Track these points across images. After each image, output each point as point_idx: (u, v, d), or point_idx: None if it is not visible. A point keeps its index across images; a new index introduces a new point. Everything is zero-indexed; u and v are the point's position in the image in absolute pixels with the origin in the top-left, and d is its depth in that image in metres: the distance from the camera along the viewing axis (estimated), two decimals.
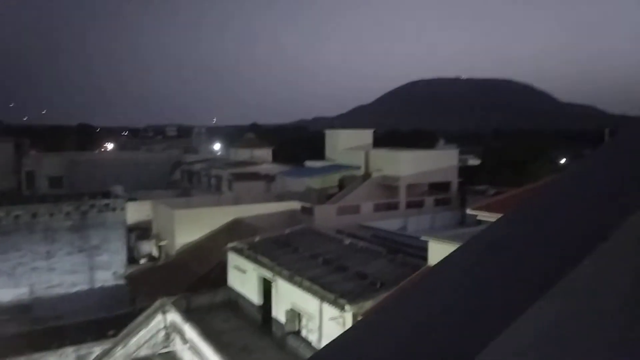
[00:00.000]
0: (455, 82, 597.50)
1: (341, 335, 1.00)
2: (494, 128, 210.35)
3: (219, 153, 69.82)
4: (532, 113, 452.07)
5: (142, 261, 30.21)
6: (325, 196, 35.98)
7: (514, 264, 1.09)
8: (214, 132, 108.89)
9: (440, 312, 0.99)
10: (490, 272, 1.09)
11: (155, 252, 31.23)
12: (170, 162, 59.77)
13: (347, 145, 38.30)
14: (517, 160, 45.70)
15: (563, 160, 52.83)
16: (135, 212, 32.92)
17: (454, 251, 1.20)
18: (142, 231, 32.47)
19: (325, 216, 29.94)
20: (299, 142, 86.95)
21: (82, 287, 28.74)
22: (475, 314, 0.95)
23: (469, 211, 21.96)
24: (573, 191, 1.30)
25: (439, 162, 35.75)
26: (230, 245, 22.55)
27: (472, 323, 0.93)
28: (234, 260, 22.03)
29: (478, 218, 14.66)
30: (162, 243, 30.10)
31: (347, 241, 21.38)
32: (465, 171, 44.98)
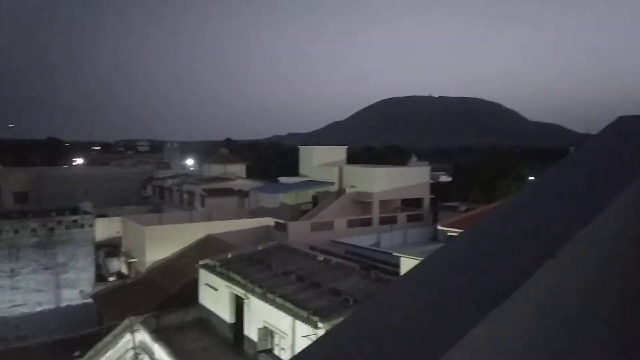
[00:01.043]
0: (427, 100, 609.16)
1: (305, 349, 1.03)
2: (464, 145, 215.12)
3: (191, 168, 69.10)
4: (501, 131, 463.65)
5: (111, 279, 29.51)
6: (299, 212, 35.91)
7: (469, 279, 1.14)
8: (187, 148, 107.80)
9: (397, 324, 1.03)
10: (446, 286, 1.14)
11: (124, 270, 30.60)
12: (142, 177, 58.80)
13: (321, 162, 38.43)
14: (487, 178, 46.65)
15: (531, 178, 54.21)
16: (105, 228, 32.36)
17: (415, 267, 1.26)
18: (111, 248, 31.83)
19: (299, 232, 29.87)
20: (273, 158, 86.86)
21: (48, 306, 27.80)
22: (431, 325, 1.00)
23: (439, 227, 22.32)
24: (527, 209, 1.37)
25: (411, 178, 36.18)
26: (202, 262, 22.19)
27: (428, 334, 0.97)
28: (205, 277, 21.69)
29: (449, 234, 14.85)
30: (132, 260, 29.54)
31: (321, 257, 21.32)
32: (437, 188, 45.68)
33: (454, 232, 15.69)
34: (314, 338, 14.75)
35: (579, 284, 1.17)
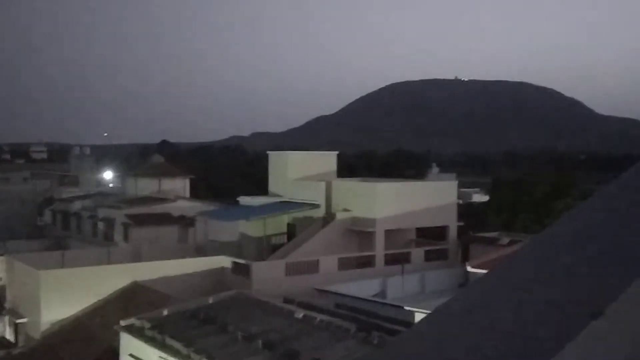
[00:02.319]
0: (452, 85, 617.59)
1: None
2: (506, 150, 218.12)
3: (111, 185, 68.76)
4: (558, 129, 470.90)
5: None
6: (268, 248, 35.89)
7: (485, 342, 1.24)
8: (104, 154, 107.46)
9: None
10: (456, 350, 1.25)
11: (9, 335, 30.17)
12: (37, 197, 58.31)
13: (300, 174, 38.50)
14: (539, 197, 47.27)
15: None
16: None
17: (420, 321, 1.44)
18: None
19: (269, 277, 29.81)
20: (230, 169, 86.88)
21: None
22: None
23: (471, 269, 22.44)
24: (566, 247, 1.46)
25: (431, 198, 36.42)
26: (124, 323, 21.99)
27: None
28: (129, 345, 21.45)
29: (479, 277, 14.92)
30: (21, 321, 29.15)
31: (300, 314, 21.26)
32: (468, 211, 46.06)
33: None
34: None
35: (626, 346, 1.25)
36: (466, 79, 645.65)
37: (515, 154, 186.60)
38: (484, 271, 17.87)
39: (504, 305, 1.34)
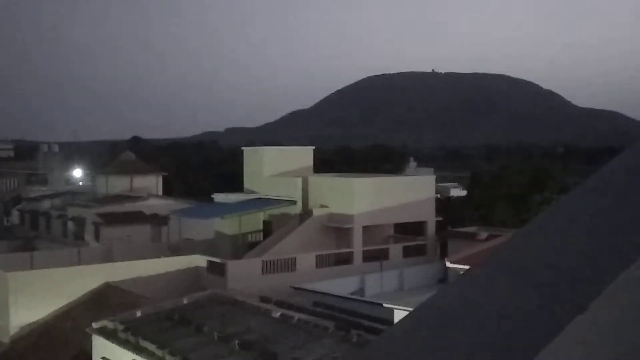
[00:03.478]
0: (429, 78, 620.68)
1: None
2: (484, 144, 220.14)
3: (80, 183, 68.12)
4: (536, 122, 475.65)
5: None
6: (243, 246, 35.85)
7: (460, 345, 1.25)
8: (74, 152, 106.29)
9: None
10: (439, 349, 1.27)
11: None
12: (4, 197, 57.66)
13: (276, 170, 38.51)
14: (517, 191, 47.72)
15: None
16: None
17: (401, 320, 1.44)
18: None
19: (245, 276, 29.78)
20: (204, 165, 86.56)
21: None
22: None
23: (450, 264, 22.61)
24: (548, 243, 1.48)
25: (409, 193, 36.61)
26: (97, 325, 21.87)
27: None
28: (102, 348, 21.34)
29: (461, 273, 15.05)
30: None
31: (277, 313, 21.30)
32: (446, 206, 46.46)
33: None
34: None
35: (614, 344, 1.29)
36: (443, 72, 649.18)
37: (493, 148, 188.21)
38: (463, 266, 18.07)
39: (486, 303, 1.35)
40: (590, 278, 1.29)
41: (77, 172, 74.40)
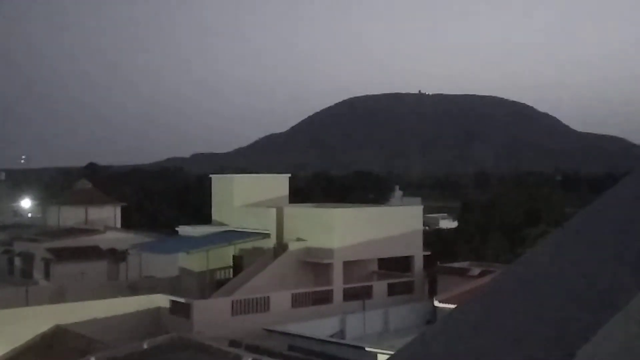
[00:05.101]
0: (416, 99, 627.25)
1: None
2: (476, 171, 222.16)
3: (29, 214, 67.50)
4: (532, 147, 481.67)
5: None
6: (211, 284, 35.70)
7: None
8: (23, 179, 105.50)
9: None
10: None
11: None
12: None
13: (248, 200, 38.54)
14: (512, 222, 48.11)
15: None
16: None
17: None
18: None
19: (212, 317, 29.66)
20: (167, 194, 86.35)
21: None
22: None
23: (438, 304, 22.59)
24: (536, 283, 1.50)
25: (394, 224, 36.74)
26: None
27: None
28: None
29: (446, 314, 15.11)
30: None
31: (248, 359, 21.18)
32: (435, 239, 46.56)
33: None
34: None
35: None
36: (431, 93, 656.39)
37: (485, 175, 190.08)
38: (454, 306, 18.04)
39: (471, 347, 1.35)
40: (580, 323, 1.30)
41: (26, 202, 73.73)
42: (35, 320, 28.21)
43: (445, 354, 1.37)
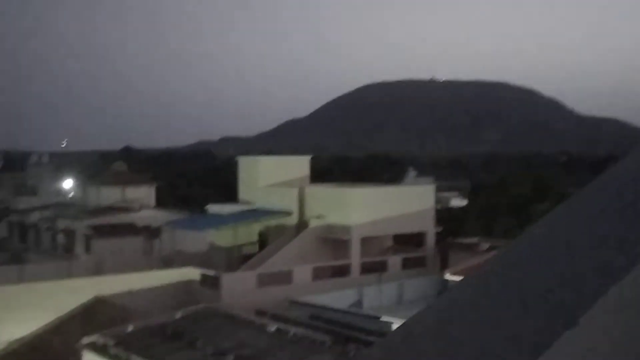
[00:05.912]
0: (429, 86, 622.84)
1: None
2: (485, 152, 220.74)
3: (71, 194, 68.10)
4: (538, 130, 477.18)
5: None
6: (238, 258, 35.86)
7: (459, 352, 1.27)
8: (64, 162, 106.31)
9: None
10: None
11: None
12: None
13: (271, 180, 38.56)
14: (519, 200, 47.81)
15: None
16: None
17: (391, 334, 1.46)
18: None
19: (240, 289, 29.79)
20: (197, 175, 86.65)
21: None
22: None
23: (449, 276, 22.58)
24: (541, 254, 1.49)
25: (408, 203, 36.66)
26: (87, 340, 21.76)
27: None
28: None
29: (454, 284, 15.08)
30: None
31: (273, 327, 21.25)
32: (446, 216, 46.40)
33: None
34: None
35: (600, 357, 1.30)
36: (443, 80, 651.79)
37: (494, 157, 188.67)
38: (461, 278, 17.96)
39: (478, 316, 1.36)
40: (582, 292, 1.29)
41: (68, 183, 74.35)
42: (77, 292, 28.57)
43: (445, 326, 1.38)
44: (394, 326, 16.90)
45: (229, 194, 42.87)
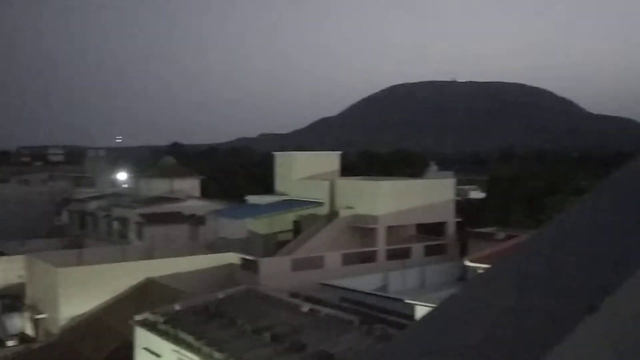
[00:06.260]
0: (449, 87, 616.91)
1: None
2: (502, 149, 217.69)
3: (124, 185, 68.95)
4: (551, 128, 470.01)
5: (11, 343, 29.15)
6: (274, 244, 35.96)
7: (488, 334, 1.25)
8: (118, 156, 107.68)
9: None
10: (459, 343, 1.26)
11: (30, 330, 30.35)
12: (55, 198, 58.50)
13: (305, 174, 38.57)
14: (533, 193, 47.15)
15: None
16: (2, 271, 32.34)
17: (423, 317, 1.42)
18: (11, 300, 31.60)
19: (275, 272, 29.89)
20: (238, 169, 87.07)
21: None
22: None
23: (468, 263, 22.40)
24: (566, 243, 1.46)
25: (430, 195, 36.43)
26: (139, 317, 22.06)
27: None
28: (144, 339, 21.53)
29: (481, 272, 14.92)
30: (41, 316, 29.29)
31: (306, 307, 21.31)
32: (465, 207, 45.98)
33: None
34: None
35: (625, 343, 1.27)
36: (462, 81, 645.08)
37: (510, 152, 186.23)
38: (482, 265, 17.79)
39: (505, 301, 1.33)
40: (602, 278, 1.27)
41: (122, 175, 75.27)
42: (130, 274, 29.00)
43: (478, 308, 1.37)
44: (417, 308, 16.85)
45: (266, 186, 43.02)
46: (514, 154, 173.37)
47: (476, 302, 1.39)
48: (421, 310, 16.68)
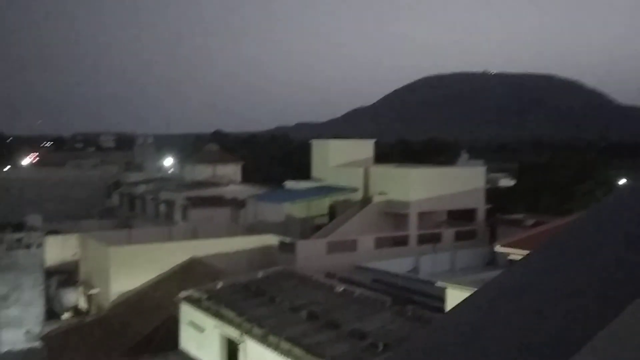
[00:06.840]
0: (481, 78, 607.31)
1: None
2: (532, 138, 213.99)
3: (170, 170, 69.81)
4: (581, 118, 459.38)
5: (65, 316, 29.82)
6: (311, 228, 36.05)
7: (529, 321, 1.20)
8: (165, 143, 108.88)
9: None
10: (499, 332, 1.22)
11: (83, 304, 30.93)
12: (106, 182, 59.49)
13: (340, 161, 38.51)
14: (561, 181, 46.21)
15: (623, 181, 53.59)
16: (58, 249, 32.65)
17: (463, 301, 1.38)
18: (66, 276, 32.12)
19: (311, 254, 29.98)
20: (276, 156, 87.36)
21: None
22: None
23: (498, 248, 22.14)
24: (605, 231, 1.41)
25: (461, 182, 36.06)
26: (184, 294, 22.38)
27: None
28: (188, 314, 21.84)
29: (510, 257, 14.78)
30: (93, 292, 29.83)
31: (340, 288, 21.35)
32: (495, 195, 45.29)
33: (516, 253, 15.52)
34: None
35: None
36: (494, 72, 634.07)
37: (539, 141, 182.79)
38: (511, 250, 17.54)
39: (546, 285, 1.30)
40: (634, 275, 1.22)
41: (168, 161, 76.28)
42: (175, 253, 29.25)
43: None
44: (447, 291, 16.75)
45: (304, 172, 42.97)
46: (543, 143, 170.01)
47: (518, 285, 1.36)
48: (451, 293, 16.58)
